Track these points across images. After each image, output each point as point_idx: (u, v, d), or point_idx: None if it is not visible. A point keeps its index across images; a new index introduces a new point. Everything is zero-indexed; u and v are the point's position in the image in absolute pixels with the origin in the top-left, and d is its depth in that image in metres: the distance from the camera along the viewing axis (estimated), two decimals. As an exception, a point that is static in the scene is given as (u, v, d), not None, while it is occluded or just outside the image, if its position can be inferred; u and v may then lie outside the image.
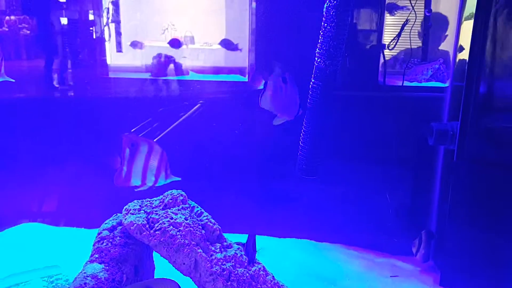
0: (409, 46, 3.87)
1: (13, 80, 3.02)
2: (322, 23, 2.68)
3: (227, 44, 4.23)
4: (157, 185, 2.55)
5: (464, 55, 2.98)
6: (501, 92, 2.65)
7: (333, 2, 2.60)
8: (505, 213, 2.62)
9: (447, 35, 4.01)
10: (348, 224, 3.63)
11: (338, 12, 2.59)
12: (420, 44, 4.07)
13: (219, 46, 4.53)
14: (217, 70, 4.38)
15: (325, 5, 2.66)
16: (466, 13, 3.19)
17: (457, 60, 3.32)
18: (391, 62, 4.07)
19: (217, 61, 4.52)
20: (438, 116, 3.31)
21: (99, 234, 2.36)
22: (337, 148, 3.36)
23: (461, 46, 3.09)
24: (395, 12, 3.78)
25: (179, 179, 2.58)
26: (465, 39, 2.99)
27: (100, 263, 2.25)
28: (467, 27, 2.94)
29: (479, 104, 2.65)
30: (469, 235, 2.78)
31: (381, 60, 3.65)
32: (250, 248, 2.38)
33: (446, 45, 4.05)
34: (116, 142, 2.99)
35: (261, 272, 2.35)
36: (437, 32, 3.99)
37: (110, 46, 4.18)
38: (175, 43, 4.25)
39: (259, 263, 2.40)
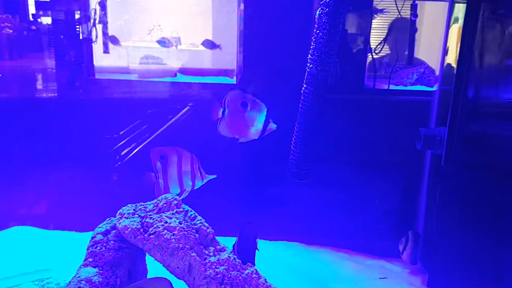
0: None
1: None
2: (315, 30, 2.71)
3: (208, 44, 4.27)
4: (195, 187, 2.59)
5: (452, 59, 3.04)
6: (488, 98, 2.70)
7: (326, 10, 2.63)
8: (491, 217, 2.68)
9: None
10: (338, 227, 3.68)
11: (331, 19, 2.63)
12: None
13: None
14: (204, 72, 4.39)
15: (318, 11, 2.70)
16: (454, 17, 3.25)
17: (445, 64, 3.38)
18: (377, 66, 4.12)
19: (205, 63, 4.54)
20: (426, 120, 3.37)
21: (93, 238, 2.37)
22: (326, 151, 3.40)
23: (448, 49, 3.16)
24: (375, 16, 3.85)
25: (215, 176, 2.62)
26: (453, 43, 3.06)
27: (94, 267, 2.26)
28: (455, 31, 3.00)
29: (467, 110, 2.71)
30: (456, 238, 2.84)
31: (367, 63, 3.70)
32: (245, 246, 2.41)
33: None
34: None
35: (254, 275, 2.38)
36: (402, 37, 4.06)
37: (96, 47, 4.17)
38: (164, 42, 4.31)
39: (251, 266, 2.43)
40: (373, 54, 3.76)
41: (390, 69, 3.96)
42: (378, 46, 3.88)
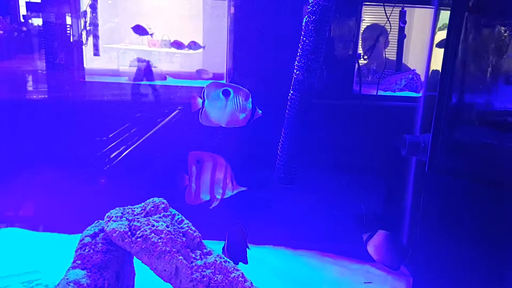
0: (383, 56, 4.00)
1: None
2: (301, 37, 2.76)
3: (177, 45, 4.32)
4: (225, 197, 2.61)
5: (437, 65, 3.08)
6: (472, 105, 2.75)
7: (312, 18, 2.68)
8: (473, 224, 2.72)
9: (389, 41, 4.12)
10: (324, 231, 3.71)
11: (317, 27, 2.67)
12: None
13: (197, 51, 4.58)
14: (195, 76, 4.41)
15: (304, 19, 2.74)
16: (440, 24, 3.30)
17: (430, 70, 3.43)
18: (364, 72, 4.17)
19: (195, 66, 4.56)
20: (412, 125, 3.42)
21: (81, 240, 2.39)
22: (313, 156, 3.44)
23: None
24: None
25: (245, 188, 2.64)
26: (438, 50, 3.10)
27: (83, 269, 2.29)
28: (441, 38, 3.05)
29: (450, 117, 2.75)
30: (439, 244, 2.87)
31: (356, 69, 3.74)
32: (235, 246, 2.44)
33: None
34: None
35: (240, 279, 2.41)
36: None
37: (87, 50, 4.18)
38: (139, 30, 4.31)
39: (237, 270, 2.47)
40: (362, 59, 3.81)
41: (377, 75, 4.01)
42: (367, 53, 3.94)
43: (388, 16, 3.65)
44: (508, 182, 2.53)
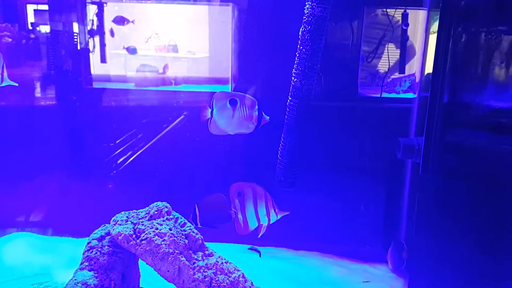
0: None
1: (16, 84, 3.14)
2: (298, 46, 2.84)
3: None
4: (271, 222, 2.74)
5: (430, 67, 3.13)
6: (463, 107, 2.78)
7: (308, 27, 2.77)
8: (466, 224, 2.77)
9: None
10: (324, 232, 3.79)
11: (312, 36, 2.76)
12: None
13: (203, 55, 4.65)
14: (200, 80, 4.48)
15: (301, 29, 2.83)
16: (434, 27, 3.35)
17: (425, 72, 3.47)
18: (368, 77, 4.22)
19: (201, 71, 4.63)
20: (408, 127, 3.48)
21: (88, 243, 2.49)
22: (313, 158, 3.51)
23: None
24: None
25: (288, 213, 2.75)
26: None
27: (90, 271, 2.38)
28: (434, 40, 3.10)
29: (442, 119, 2.78)
30: (434, 244, 2.93)
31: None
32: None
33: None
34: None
35: (241, 279, 2.50)
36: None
37: (94, 57, 4.26)
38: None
39: (238, 270, 2.56)
40: (366, 62, 3.87)
41: (381, 81, 4.03)
42: (370, 55, 3.98)
43: (390, 19, 3.71)
44: (500, 183, 2.57)
